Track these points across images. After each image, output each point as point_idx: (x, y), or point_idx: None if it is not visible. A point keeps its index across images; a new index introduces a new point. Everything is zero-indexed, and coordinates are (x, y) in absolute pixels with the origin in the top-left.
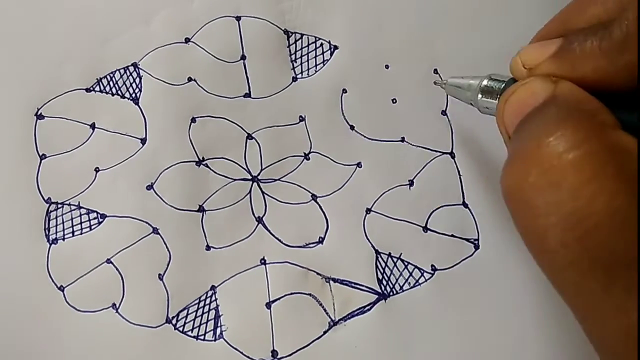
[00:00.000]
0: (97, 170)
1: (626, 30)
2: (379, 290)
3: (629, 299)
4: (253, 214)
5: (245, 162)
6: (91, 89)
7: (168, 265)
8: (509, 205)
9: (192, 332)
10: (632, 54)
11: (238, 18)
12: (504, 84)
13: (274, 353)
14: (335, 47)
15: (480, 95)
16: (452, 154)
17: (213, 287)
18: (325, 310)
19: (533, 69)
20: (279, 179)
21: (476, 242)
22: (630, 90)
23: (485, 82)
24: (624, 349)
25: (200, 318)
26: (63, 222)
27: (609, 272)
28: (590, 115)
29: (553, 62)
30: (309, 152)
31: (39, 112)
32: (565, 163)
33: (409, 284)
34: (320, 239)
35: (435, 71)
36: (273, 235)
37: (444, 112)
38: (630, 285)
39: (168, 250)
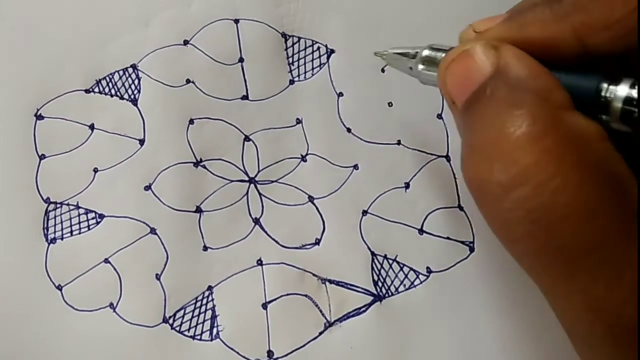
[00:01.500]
0: (95, 170)
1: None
2: (375, 292)
3: (592, 282)
4: (250, 215)
5: (243, 164)
6: (90, 90)
7: (165, 265)
8: (474, 195)
9: (188, 332)
10: (581, 15)
11: (236, 21)
12: (445, 54)
13: (269, 353)
14: (332, 51)
15: (421, 66)
16: (447, 157)
17: (210, 288)
18: (321, 311)
19: (482, 33)
20: (276, 181)
21: (471, 244)
22: (576, 55)
23: (426, 52)
24: (588, 324)
25: (197, 318)
26: (62, 222)
27: (573, 259)
28: (543, 98)
29: (502, 26)
30: (306, 154)
31: (38, 113)
32: (527, 159)
33: (405, 285)
34: (317, 241)
35: None
36: (270, 237)
37: (439, 116)
38: (594, 270)
39: (165, 250)
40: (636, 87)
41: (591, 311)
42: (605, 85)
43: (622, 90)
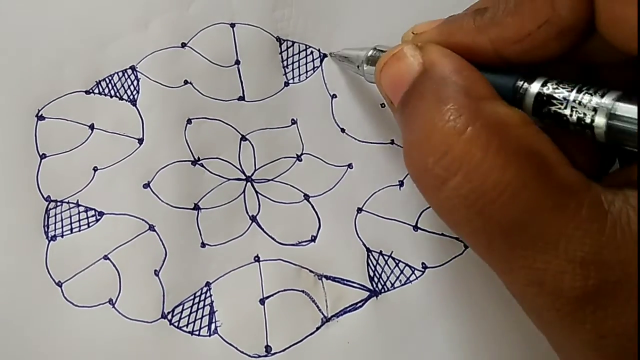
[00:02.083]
0: (95, 169)
1: (496, 11)
2: (371, 288)
3: (528, 255)
4: (247, 212)
5: (240, 163)
6: (90, 91)
7: (164, 261)
8: (417, 185)
9: (187, 327)
10: (498, 29)
11: (232, 25)
12: None
13: (267, 348)
14: (325, 55)
15: (365, 66)
16: None
17: (208, 284)
18: (317, 306)
19: (418, 35)
20: (272, 179)
21: None
22: (495, 63)
23: (370, 52)
24: (533, 296)
25: (195, 314)
26: (62, 220)
27: (509, 234)
28: (466, 91)
29: (435, 30)
30: (301, 154)
31: (39, 113)
32: (456, 150)
33: (400, 281)
34: (313, 238)
35: None
36: (267, 234)
37: None
38: (528, 243)
39: (164, 247)
40: (547, 85)
41: (534, 284)
42: (520, 82)
43: (534, 87)
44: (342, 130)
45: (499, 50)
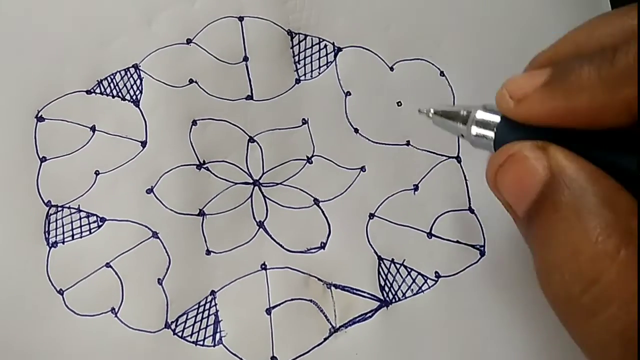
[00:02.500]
0: (97, 173)
1: (632, 61)
2: (381, 297)
3: None
4: (254, 218)
5: (247, 166)
6: (92, 90)
7: (167, 269)
8: (558, 315)
9: (191, 337)
10: (632, 88)
11: (241, 18)
12: (499, 117)
13: (273, 359)
14: (339, 49)
15: (475, 129)
16: (458, 158)
17: (213, 292)
18: (326, 316)
19: (521, 101)
20: (280, 183)
21: (482, 248)
22: (626, 124)
23: (480, 115)
24: None
25: (199, 323)
26: (63, 226)
27: None
28: (610, 206)
29: (544, 93)
30: (312, 156)
31: (39, 115)
32: (608, 278)
33: (412, 290)
34: (322, 244)
35: (442, 74)
36: (274, 240)
37: None
38: None
39: (168, 254)
40: None
41: None
42: None
43: None
44: (356, 130)
45: (634, 111)
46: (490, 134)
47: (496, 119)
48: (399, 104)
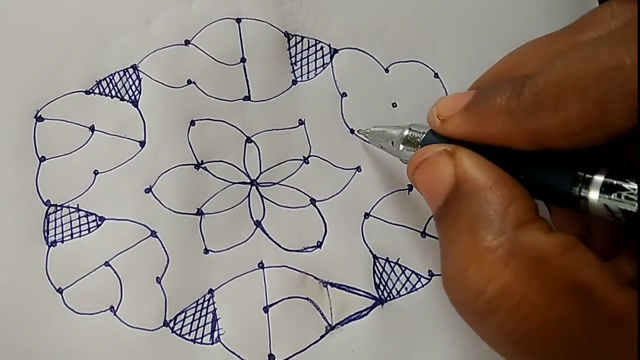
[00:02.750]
0: (96, 172)
1: (534, 95)
2: (376, 295)
3: None
4: (251, 217)
5: (244, 166)
6: (90, 91)
7: (166, 268)
8: (461, 315)
9: (189, 335)
10: (537, 122)
11: (238, 20)
12: (424, 135)
13: (270, 357)
14: (335, 51)
15: (402, 146)
16: None
17: (211, 291)
18: (322, 314)
19: (445, 121)
20: (277, 183)
21: None
22: (536, 150)
23: (406, 132)
24: None
25: (197, 321)
26: (62, 225)
27: None
28: (502, 216)
29: (462, 117)
30: (308, 156)
31: (38, 114)
32: (494, 289)
33: (406, 289)
34: (319, 244)
35: (436, 75)
36: (271, 239)
37: None
38: None
39: (166, 253)
40: (612, 176)
41: None
42: (576, 188)
43: (594, 193)
44: (352, 131)
45: (541, 143)
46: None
47: (420, 136)
48: (394, 105)
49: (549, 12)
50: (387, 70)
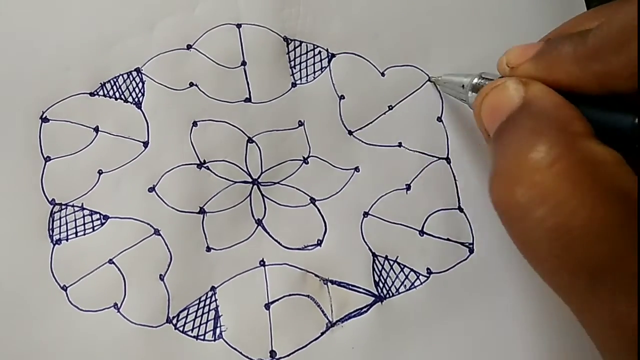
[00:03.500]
0: (100, 172)
1: (599, 40)
2: (376, 293)
3: (613, 298)
4: (253, 216)
5: (246, 165)
6: (95, 93)
7: (169, 266)
8: (500, 217)
9: (192, 332)
10: (602, 64)
11: (239, 25)
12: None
13: (272, 353)
14: (333, 55)
15: (470, 93)
16: (447, 159)
17: (213, 288)
18: (323, 311)
19: (515, 69)
20: (278, 182)
21: (471, 245)
22: (601, 93)
23: (475, 80)
24: (614, 339)
25: (200, 318)
26: (67, 223)
27: (594, 275)
28: (563, 127)
29: (532, 64)
30: (308, 156)
31: (44, 116)
32: (545, 182)
33: (405, 286)
34: (319, 242)
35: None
36: (272, 238)
37: (439, 119)
38: (613, 286)
39: (169, 251)
40: None
41: (615, 327)
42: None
43: None
44: (350, 132)
45: (606, 85)
46: None
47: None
48: (390, 107)
49: (544, 16)
50: (383, 74)
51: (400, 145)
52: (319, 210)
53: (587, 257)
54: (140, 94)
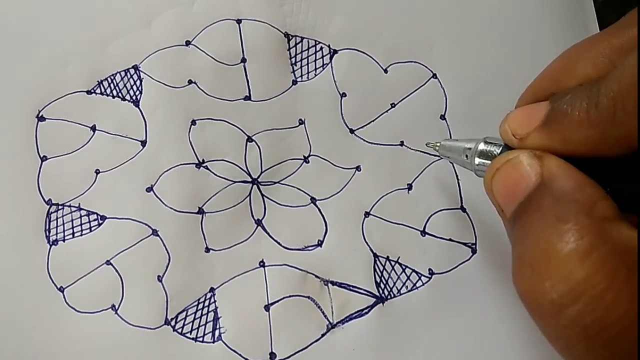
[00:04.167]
0: (97, 172)
1: (614, 102)
2: (377, 294)
3: None
4: (252, 216)
5: (246, 165)
6: (92, 91)
7: (167, 267)
8: (529, 310)
9: (190, 333)
10: (624, 127)
11: (239, 21)
12: (500, 148)
13: (272, 355)
14: (335, 51)
15: (477, 160)
16: None
17: (212, 289)
18: (323, 312)
19: (524, 139)
20: (278, 182)
21: (473, 246)
22: (624, 157)
23: (481, 146)
24: None
25: (199, 320)
26: (63, 224)
27: None
28: (588, 211)
29: (542, 133)
30: (309, 155)
31: (40, 114)
32: (577, 275)
33: (407, 287)
34: (319, 242)
35: (434, 76)
36: (272, 238)
37: (442, 117)
38: None
39: (167, 252)
40: None
41: None
42: None
43: None
44: (351, 130)
45: (630, 146)
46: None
47: (497, 150)
48: (393, 105)
49: (547, 13)
50: (386, 71)
51: (402, 144)
52: (319, 210)
53: (627, 354)
54: (138, 92)
